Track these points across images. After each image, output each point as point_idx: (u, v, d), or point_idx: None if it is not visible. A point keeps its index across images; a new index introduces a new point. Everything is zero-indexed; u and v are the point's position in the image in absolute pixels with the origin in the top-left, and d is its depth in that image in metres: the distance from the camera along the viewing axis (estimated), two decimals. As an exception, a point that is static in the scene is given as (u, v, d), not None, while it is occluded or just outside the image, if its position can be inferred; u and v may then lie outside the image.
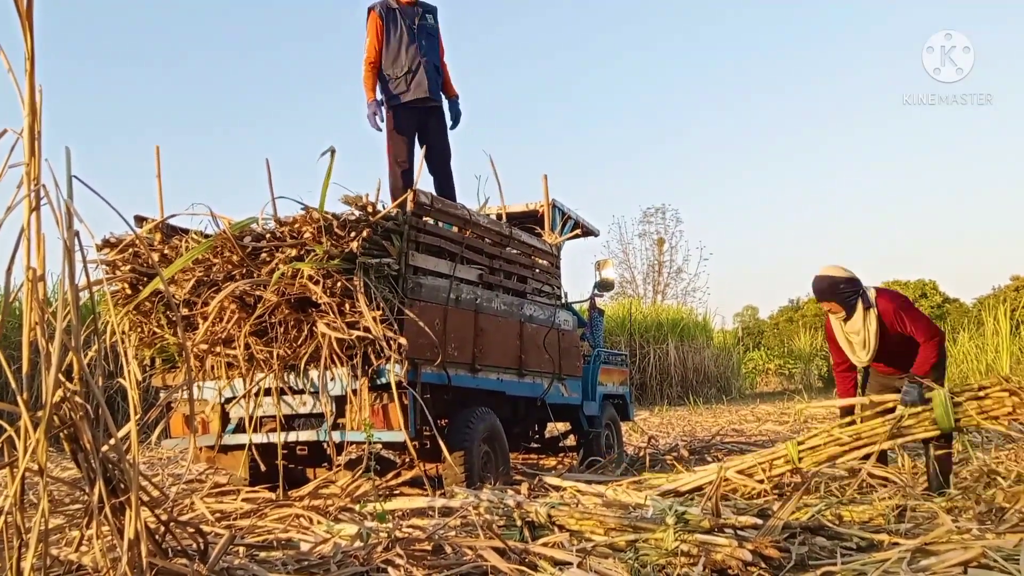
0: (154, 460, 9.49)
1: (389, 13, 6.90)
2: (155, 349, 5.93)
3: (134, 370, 5.45)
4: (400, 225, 5.47)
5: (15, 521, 2.54)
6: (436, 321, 5.58)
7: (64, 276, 2.59)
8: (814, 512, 4.20)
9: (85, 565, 3.20)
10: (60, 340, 2.47)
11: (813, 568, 3.34)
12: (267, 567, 3.34)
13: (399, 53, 6.89)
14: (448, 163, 7.24)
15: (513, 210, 7.91)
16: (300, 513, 4.86)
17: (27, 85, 2.52)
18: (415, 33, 6.94)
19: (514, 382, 6.63)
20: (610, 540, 3.60)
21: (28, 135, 2.54)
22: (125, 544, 2.59)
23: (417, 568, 3.32)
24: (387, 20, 6.88)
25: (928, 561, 3.23)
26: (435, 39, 7.14)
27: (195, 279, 5.54)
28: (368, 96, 6.86)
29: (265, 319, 5.38)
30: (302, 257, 5.22)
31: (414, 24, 6.94)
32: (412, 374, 5.37)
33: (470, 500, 4.51)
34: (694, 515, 3.63)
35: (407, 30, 6.90)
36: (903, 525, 4.06)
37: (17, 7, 2.47)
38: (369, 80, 6.87)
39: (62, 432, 2.63)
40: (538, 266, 7.30)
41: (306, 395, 5.59)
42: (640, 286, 36.96)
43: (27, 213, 2.53)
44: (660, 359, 25.36)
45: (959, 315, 34.23)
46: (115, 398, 11.19)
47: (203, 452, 6.10)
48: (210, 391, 5.81)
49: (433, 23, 7.12)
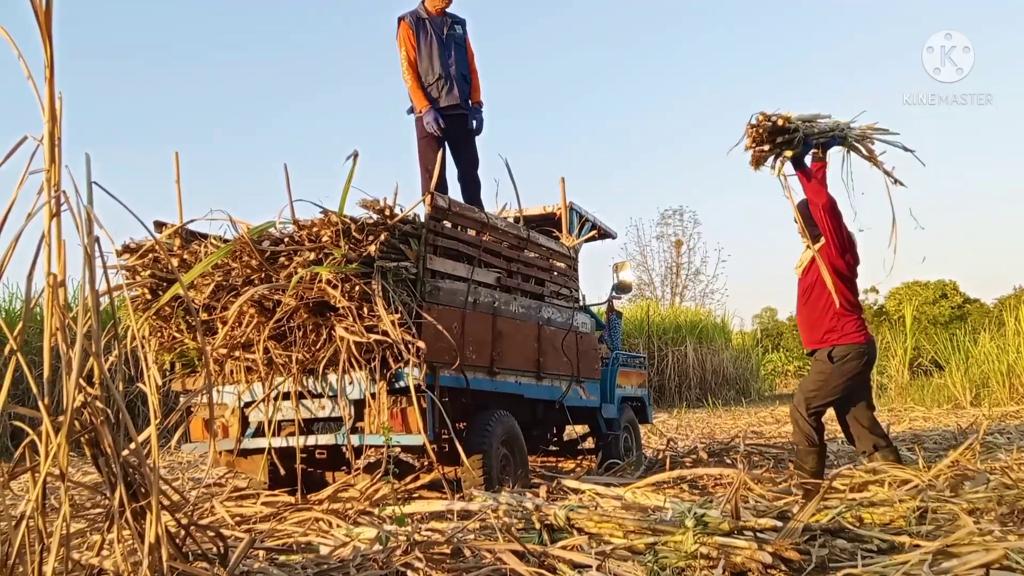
0: (174, 464, 9.54)
1: (419, 23, 6.95)
2: (175, 354, 5.97)
3: (154, 375, 5.47)
4: (418, 229, 5.48)
5: (37, 525, 2.55)
6: (454, 324, 5.59)
7: (84, 281, 2.61)
8: (834, 514, 4.18)
9: (106, 569, 3.21)
10: (81, 345, 2.49)
11: (833, 570, 3.33)
12: (287, 571, 3.35)
13: (430, 62, 6.94)
14: (476, 170, 7.28)
15: (530, 213, 7.91)
16: (319, 517, 4.87)
17: (47, 91, 2.53)
18: (444, 42, 6.99)
19: (532, 385, 6.62)
20: (629, 543, 3.60)
21: (48, 141, 2.55)
22: (146, 548, 2.60)
23: (436, 571, 3.32)
24: (417, 29, 6.93)
25: (950, 563, 3.20)
26: (463, 49, 7.22)
27: (214, 284, 5.56)
28: (421, 103, 6.86)
29: (284, 323, 5.40)
30: (320, 261, 5.23)
31: (443, 34, 6.99)
32: (430, 377, 5.38)
33: (489, 503, 4.51)
34: (713, 517, 3.62)
35: (437, 39, 6.95)
36: (924, 527, 4.03)
37: (36, 14, 2.49)
38: (417, 85, 6.89)
39: (83, 437, 2.65)
40: (556, 269, 7.29)
41: (325, 399, 5.60)
42: (658, 288, 36.88)
43: (47, 219, 2.55)
44: (678, 361, 25.29)
45: (980, 315, 34.01)
46: (135, 403, 11.26)
47: (223, 456, 6.13)
48: (229, 395, 5.83)
49: (462, 33, 7.20)
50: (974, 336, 17.59)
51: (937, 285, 41.63)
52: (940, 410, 14.48)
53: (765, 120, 5.36)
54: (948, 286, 41.77)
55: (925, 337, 20.28)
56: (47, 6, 2.49)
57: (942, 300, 40.80)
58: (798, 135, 5.39)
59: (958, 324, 26.80)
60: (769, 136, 5.39)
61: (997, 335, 16.61)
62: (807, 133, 5.47)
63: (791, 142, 5.40)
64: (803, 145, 5.46)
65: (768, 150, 5.45)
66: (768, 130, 5.37)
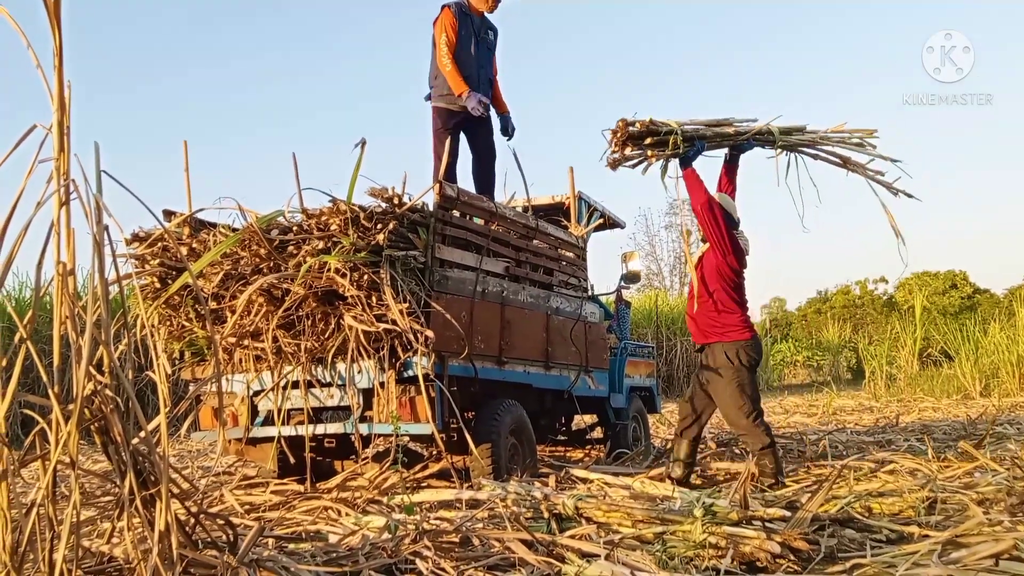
0: (184, 453, 9.58)
1: (462, 15, 6.91)
2: (184, 343, 5.98)
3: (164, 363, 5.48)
4: (426, 218, 5.47)
5: (47, 513, 2.57)
6: (463, 314, 5.59)
7: (94, 270, 2.62)
8: (843, 504, 4.18)
9: (116, 557, 3.23)
10: (91, 334, 2.49)
11: (842, 560, 3.32)
12: (296, 559, 3.36)
13: (464, 56, 6.91)
14: (493, 164, 7.26)
15: (539, 202, 7.89)
16: (328, 505, 4.89)
17: (55, 80, 2.54)
18: (479, 44, 6.98)
19: (541, 374, 6.62)
20: (638, 532, 3.60)
21: (57, 130, 2.56)
22: (156, 536, 2.61)
23: (445, 560, 3.32)
24: (460, 20, 6.88)
25: (959, 553, 3.20)
26: (492, 55, 7.23)
27: (223, 273, 5.57)
28: (461, 86, 6.79)
29: (292, 312, 5.41)
30: (329, 250, 5.23)
31: (479, 35, 6.97)
32: (439, 367, 5.37)
33: (497, 492, 4.52)
34: (722, 507, 3.62)
35: (474, 37, 6.94)
36: (933, 517, 4.03)
37: (45, 2, 2.49)
38: (456, 70, 6.81)
39: (93, 425, 2.66)
40: (564, 258, 7.28)
41: (333, 388, 5.61)
42: (667, 278, 36.80)
43: (57, 208, 2.55)
44: (687, 351, 25.25)
45: (990, 306, 33.86)
46: (145, 391, 11.29)
47: (232, 445, 6.14)
48: (239, 384, 5.84)
49: (493, 40, 7.20)
50: (984, 326, 17.53)
51: (947, 275, 41.49)
52: (949, 400, 14.46)
53: (625, 126, 5.56)
54: (958, 276, 41.63)
55: (935, 327, 20.18)
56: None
57: (952, 290, 40.65)
58: (672, 137, 5.58)
59: (968, 314, 26.66)
60: (634, 140, 5.60)
61: (1007, 325, 16.57)
62: (698, 136, 5.71)
63: (664, 144, 5.60)
64: (693, 148, 5.69)
65: (638, 153, 5.67)
66: (628, 135, 5.57)
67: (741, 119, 5.98)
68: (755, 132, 5.95)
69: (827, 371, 31.45)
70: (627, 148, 5.62)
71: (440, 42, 6.82)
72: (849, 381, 28.48)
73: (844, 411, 13.57)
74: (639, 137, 5.59)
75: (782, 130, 5.99)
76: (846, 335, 33.53)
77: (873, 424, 10.71)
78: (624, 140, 5.58)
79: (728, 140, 5.94)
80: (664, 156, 5.69)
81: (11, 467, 2.59)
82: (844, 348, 32.45)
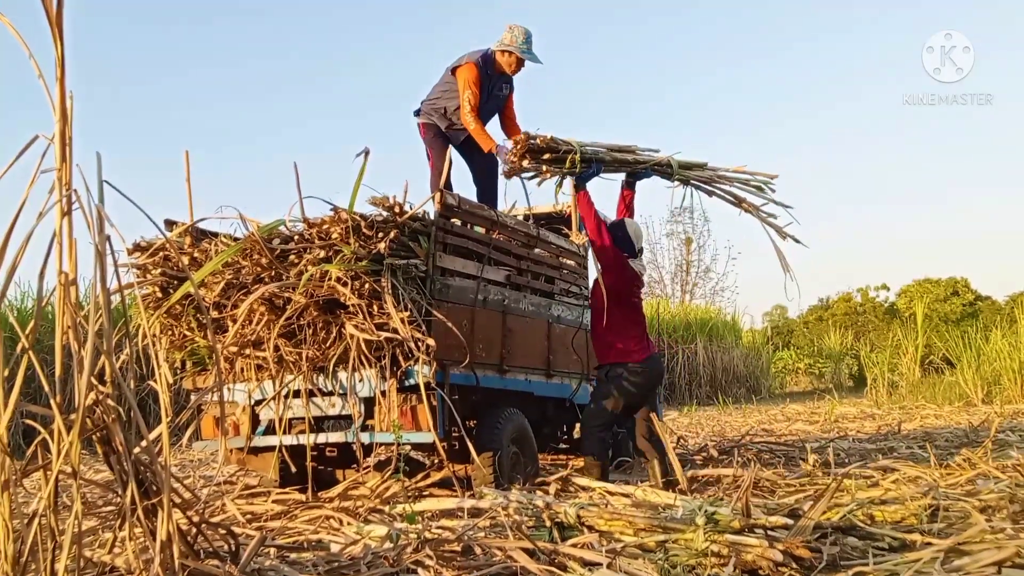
0: (185, 462, 9.57)
1: (485, 75, 6.89)
2: (186, 352, 5.98)
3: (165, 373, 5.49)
4: (427, 226, 5.48)
5: (49, 523, 2.56)
6: (464, 322, 5.59)
7: (96, 280, 2.62)
8: (845, 512, 4.16)
9: (118, 567, 3.22)
10: (92, 344, 2.49)
11: (845, 568, 3.32)
12: (298, 568, 3.36)
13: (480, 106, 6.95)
14: (496, 175, 7.26)
15: (540, 211, 7.91)
16: (330, 514, 4.88)
17: (58, 91, 2.54)
18: (490, 99, 7.03)
19: (542, 383, 6.62)
20: (640, 540, 3.59)
21: (59, 140, 2.56)
22: (157, 545, 2.61)
23: (447, 569, 3.32)
24: (483, 78, 6.87)
25: (961, 561, 3.19)
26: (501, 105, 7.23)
27: (224, 282, 5.58)
28: (490, 143, 6.74)
29: (294, 321, 5.41)
30: (330, 259, 5.24)
31: (493, 90, 6.99)
32: (440, 375, 5.38)
33: (499, 501, 4.51)
34: (724, 515, 3.62)
35: (489, 95, 6.96)
36: (936, 525, 4.02)
37: (47, 13, 2.49)
38: (481, 128, 6.81)
39: (95, 435, 2.65)
40: (565, 267, 7.29)
41: (335, 397, 5.61)
42: (668, 286, 36.67)
43: (59, 218, 2.56)
44: (689, 359, 25.26)
45: (991, 312, 33.85)
46: (147, 401, 11.30)
47: (233, 454, 6.14)
48: (240, 393, 5.84)
49: (506, 93, 7.19)
50: (985, 333, 17.50)
51: (948, 282, 41.50)
52: (951, 407, 14.43)
53: (526, 139, 5.70)
54: (959, 283, 41.64)
55: (936, 334, 20.20)
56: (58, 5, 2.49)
57: (953, 297, 40.66)
58: (570, 156, 5.73)
59: (969, 321, 26.68)
60: (533, 154, 5.74)
61: (1009, 332, 16.53)
62: (597, 159, 5.88)
63: (562, 161, 5.75)
64: (589, 171, 5.87)
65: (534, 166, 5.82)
66: (528, 148, 5.70)
67: (644, 148, 6.21)
68: (655, 162, 6.17)
69: (829, 378, 31.41)
70: (525, 160, 5.74)
71: (464, 99, 6.82)
72: (851, 388, 28.45)
73: (846, 418, 13.56)
74: (538, 152, 5.72)
75: (682, 164, 6.22)
76: (848, 342, 33.50)
77: (875, 431, 10.70)
78: (523, 152, 5.70)
79: (627, 167, 6.18)
80: (560, 173, 5.84)
81: (13, 477, 2.59)
82: (846, 355, 32.43)
